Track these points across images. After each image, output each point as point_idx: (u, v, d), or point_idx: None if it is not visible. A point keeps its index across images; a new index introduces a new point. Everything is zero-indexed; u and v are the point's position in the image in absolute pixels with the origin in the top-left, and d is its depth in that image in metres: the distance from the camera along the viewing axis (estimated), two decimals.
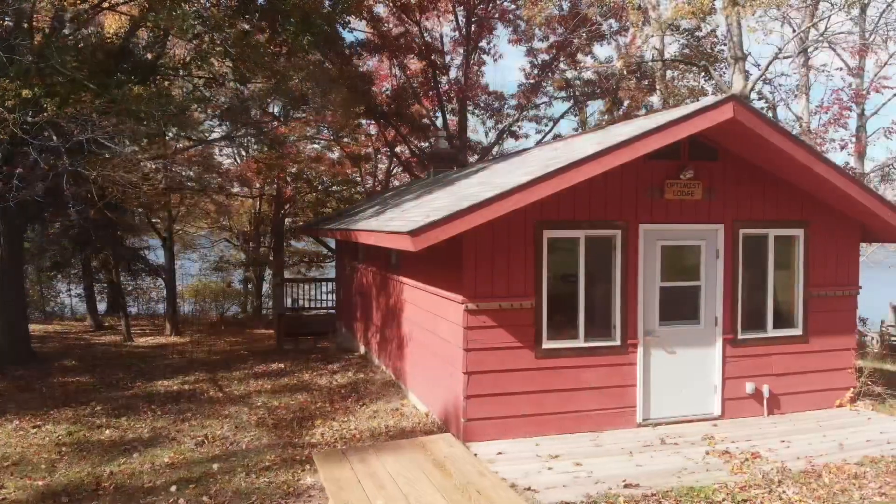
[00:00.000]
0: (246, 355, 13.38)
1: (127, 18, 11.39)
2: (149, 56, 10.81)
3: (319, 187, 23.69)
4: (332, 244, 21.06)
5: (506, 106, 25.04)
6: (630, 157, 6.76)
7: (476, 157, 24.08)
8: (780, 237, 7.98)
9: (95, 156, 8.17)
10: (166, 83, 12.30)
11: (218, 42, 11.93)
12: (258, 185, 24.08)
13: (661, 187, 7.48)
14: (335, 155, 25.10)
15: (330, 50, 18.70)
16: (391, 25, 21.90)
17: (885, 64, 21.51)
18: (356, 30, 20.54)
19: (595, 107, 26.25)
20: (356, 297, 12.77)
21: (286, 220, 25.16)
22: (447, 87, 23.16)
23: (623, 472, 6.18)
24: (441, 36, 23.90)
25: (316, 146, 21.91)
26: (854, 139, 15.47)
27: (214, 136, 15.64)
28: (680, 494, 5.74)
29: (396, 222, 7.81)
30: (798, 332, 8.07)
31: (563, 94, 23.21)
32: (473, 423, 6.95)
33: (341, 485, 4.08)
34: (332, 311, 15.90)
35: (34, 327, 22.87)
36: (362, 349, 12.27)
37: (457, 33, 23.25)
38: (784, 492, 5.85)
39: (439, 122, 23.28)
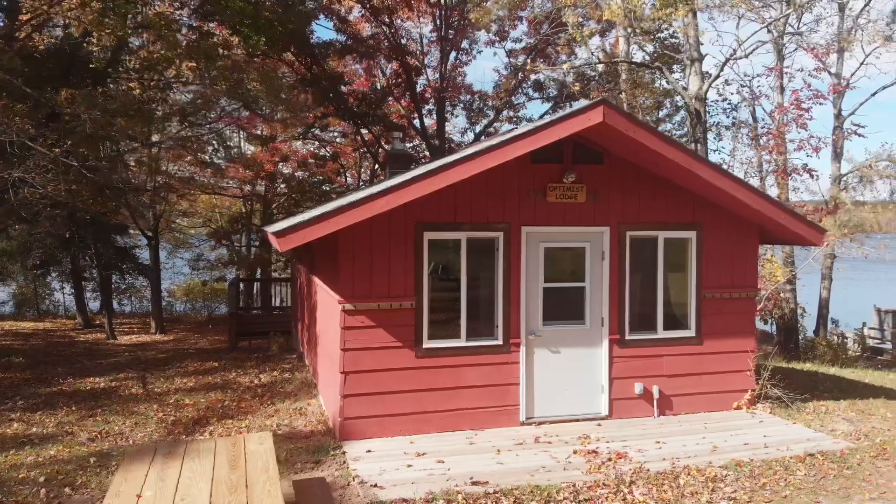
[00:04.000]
0: (192, 353, 13.62)
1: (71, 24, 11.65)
2: (94, 61, 11.05)
3: (296, 188, 23.97)
4: None
5: (486, 107, 25.16)
6: (500, 161, 6.84)
7: None
8: (670, 239, 8.02)
9: (13, 157, 8.43)
10: (112, 86, 12.57)
11: (165, 47, 12.21)
12: (234, 185, 24.51)
13: (543, 190, 7.56)
14: (326, 153, 25.51)
15: (300, 51, 18.96)
16: (371, 26, 22.12)
17: (863, 63, 21.32)
18: (323, 27, 20.81)
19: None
20: (298, 298, 12.97)
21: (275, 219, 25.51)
22: (423, 88, 23.32)
23: (481, 470, 6.28)
24: (420, 37, 24.07)
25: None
26: (811, 140, 15.32)
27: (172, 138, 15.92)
28: (523, 493, 5.82)
29: (289, 223, 7.95)
30: (691, 333, 8.10)
31: (537, 95, 23.25)
32: (350, 422, 7.08)
33: (127, 477, 4.23)
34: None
35: (25, 324, 23.41)
36: (301, 349, 12.45)
37: (435, 34, 23.41)
38: (631, 492, 5.91)
39: (425, 123, 23.49)
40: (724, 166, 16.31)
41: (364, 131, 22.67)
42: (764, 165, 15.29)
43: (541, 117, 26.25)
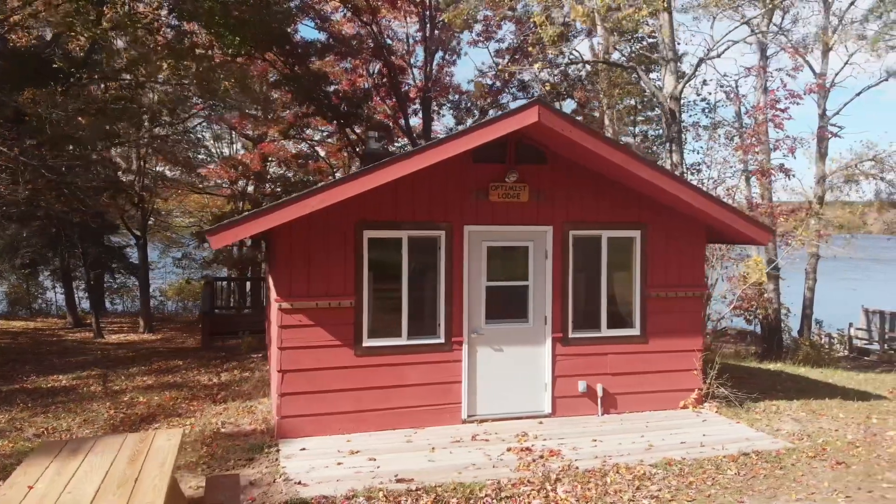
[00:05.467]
0: (162, 352, 13.70)
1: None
2: (57, 62, 11.14)
3: (285, 187, 24.06)
4: None
5: (473, 106, 25.15)
6: (436, 160, 6.86)
7: None
8: (615, 238, 8.03)
9: None
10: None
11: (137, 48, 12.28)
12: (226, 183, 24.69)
13: (486, 190, 7.58)
14: (317, 153, 25.68)
15: (281, 51, 19.02)
16: (355, 26, 22.17)
17: (847, 62, 21.26)
18: (310, 28, 20.86)
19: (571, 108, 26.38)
20: (266, 297, 13.03)
21: None
22: (409, 88, 23.36)
23: (410, 468, 6.30)
24: (407, 36, 24.10)
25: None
26: (786, 140, 15.28)
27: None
28: (446, 490, 5.85)
29: (222, 222, 8.00)
30: (635, 332, 8.11)
31: (522, 94, 23.22)
32: (288, 420, 7.11)
33: (28, 470, 4.29)
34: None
35: (16, 324, 23.55)
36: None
37: (420, 34, 23.43)
38: (554, 490, 5.92)
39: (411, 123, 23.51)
40: (702, 166, 16.31)
41: (349, 130, 22.74)
42: (740, 165, 15.32)
43: None
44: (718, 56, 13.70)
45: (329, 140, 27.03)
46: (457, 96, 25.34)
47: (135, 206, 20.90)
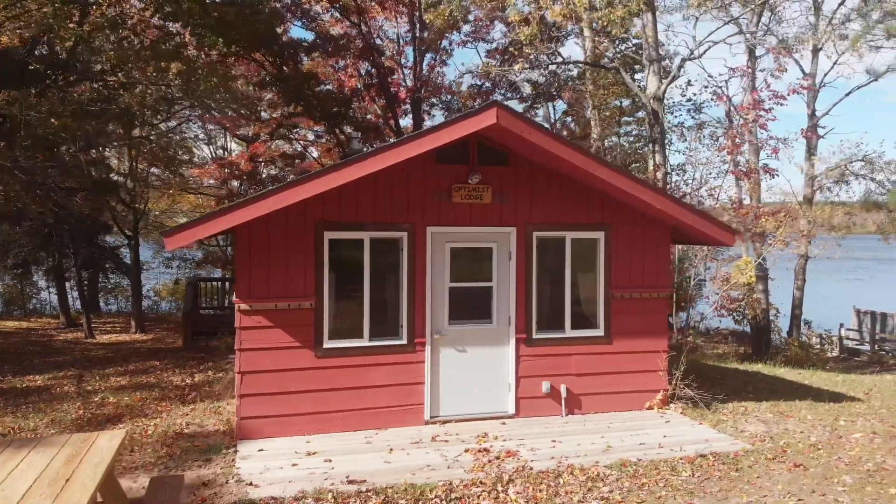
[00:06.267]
0: (143, 352, 13.75)
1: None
2: (33, 64, 11.19)
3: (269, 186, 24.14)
4: None
5: (464, 107, 25.16)
6: (394, 161, 6.86)
7: None
8: (578, 239, 8.04)
9: None
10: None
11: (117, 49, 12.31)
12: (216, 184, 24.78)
13: (448, 191, 7.59)
14: (309, 153, 25.78)
15: (268, 51, 19.07)
16: (344, 26, 22.20)
17: (835, 63, 21.21)
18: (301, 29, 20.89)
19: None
20: None
21: None
22: (399, 89, 23.37)
23: (364, 469, 6.31)
24: (398, 37, 24.11)
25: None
26: (769, 141, 15.26)
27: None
28: (396, 492, 5.86)
29: (178, 224, 8.02)
30: (600, 332, 8.12)
31: (511, 95, 23.23)
32: (247, 422, 7.13)
33: None
34: None
35: (9, 324, 23.65)
36: None
37: (410, 35, 23.45)
38: (505, 491, 5.93)
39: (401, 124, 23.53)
40: (687, 166, 16.29)
41: (338, 131, 22.78)
42: (725, 165, 15.31)
43: None
44: (700, 56, 13.69)
45: (322, 140, 27.11)
46: (448, 97, 25.39)
47: (126, 207, 20.99)
